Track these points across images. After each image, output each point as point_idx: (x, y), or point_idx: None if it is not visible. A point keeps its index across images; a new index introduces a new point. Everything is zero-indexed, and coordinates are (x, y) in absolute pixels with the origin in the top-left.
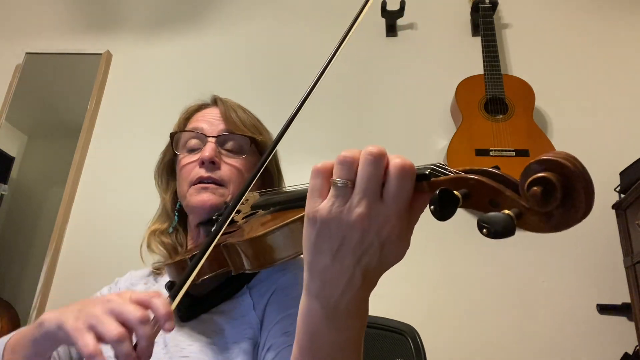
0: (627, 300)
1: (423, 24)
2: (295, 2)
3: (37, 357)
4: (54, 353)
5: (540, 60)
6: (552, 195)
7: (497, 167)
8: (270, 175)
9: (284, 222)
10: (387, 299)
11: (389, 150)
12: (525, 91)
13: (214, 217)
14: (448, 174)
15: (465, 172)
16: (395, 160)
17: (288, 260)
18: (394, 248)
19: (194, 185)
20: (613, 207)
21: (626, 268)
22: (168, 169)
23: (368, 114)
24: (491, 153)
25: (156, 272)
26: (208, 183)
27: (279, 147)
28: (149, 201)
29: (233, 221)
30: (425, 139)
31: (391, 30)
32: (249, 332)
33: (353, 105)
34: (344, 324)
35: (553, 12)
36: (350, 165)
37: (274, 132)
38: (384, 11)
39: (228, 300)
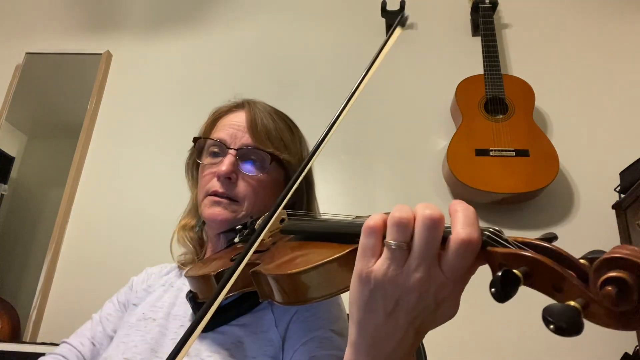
0: None
1: (423, 24)
2: (297, 2)
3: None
4: (89, 340)
5: (540, 60)
6: (627, 297)
7: (554, 236)
8: (299, 192)
9: (321, 262)
10: None
11: (389, 150)
12: (525, 91)
13: (237, 227)
14: (506, 245)
15: (525, 245)
16: (460, 234)
17: (322, 300)
18: (448, 308)
19: (209, 196)
20: (613, 207)
21: None
22: (195, 167)
23: (368, 114)
24: (491, 153)
25: (181, 266)
26: (222, 197)
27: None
28: (149, 201)
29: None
30: (425, 139)
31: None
32: (270, 350)
33: (353, 105)
34: None
35: (553, 12)
36: (405, 228)
37: None
38: (384, 11)
39: (249, 313)
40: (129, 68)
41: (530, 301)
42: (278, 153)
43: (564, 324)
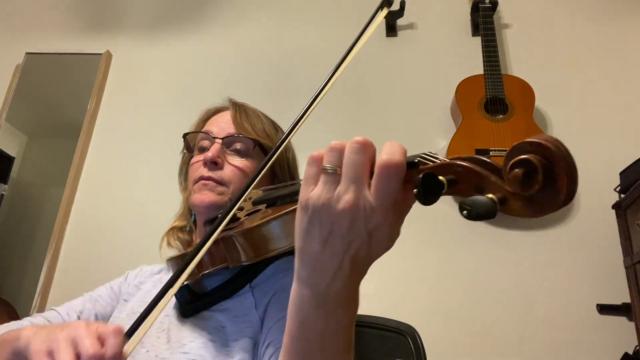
0: (627, 300)
1: (423, 24)
2: (296, 3)
3: None
4: (77, 313)
5: (540, 60)
6: (533, 178)
7: (488, 157)
8: (282, 179)
9: (279, 214)
10: (387, 299)
11: None
12: (525, 91)
13: (219, 215)
14: (436, 161)
15: (454, 159)
16: (382, 157)
17: (283, 250)
18: (382, 238)
19: (197, 182)
20: (613, 207)
21: (626, 268)
22: (187, 172)
23: (368, 113)
24: (491, 153)
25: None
26: (209, 181)
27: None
28: (149, 201)
29: (236, 219)
30: (425, 139)
31: (391, 30)
32: (250, 330)
33: (353, 105)
34: (333, 311)
35: (553, 12)
36: (339, 152)
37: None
38: None
39: (230, 298)
40: (129, 68)
41: (531, 302)
42: (261, 139)
43: (480, 210)
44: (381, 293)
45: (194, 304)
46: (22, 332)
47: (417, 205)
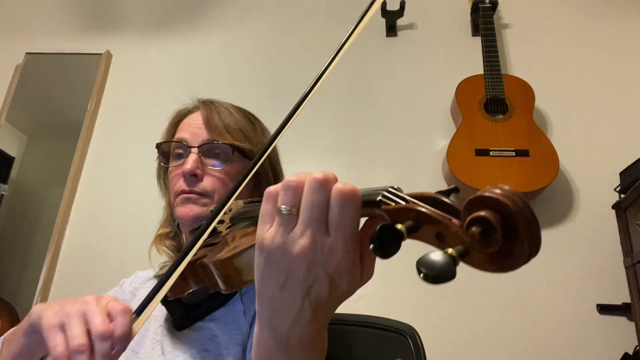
0: (627, 300)
1: (423, 24)
2: (297, 3)
3: (27, 352)
4: None
5: (540, 60)
6: (492, 237)
7: (456, 189)
8: (266, 182)
9: (252, 243)
10: (387, 299)
11: (389, 150)
12: (525, 91)
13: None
14: (399, 202)
15: (417, 199)
16: (336, 186)
17: None
18: (345, 280)
19: (179, 196)
20: (613, 207)
21: (626, 268)
22: (165, 174)
23: (368, 114)
24: (491, 153)
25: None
26: (191, 194)
27: (279, 147)
28: (149, 201)
29: (217, 231)
30: (425, 139)
31: (391, 30)
32: (240, 338)
33: (353, 105)
34: (296, 356)
35: (553, 12)
36: (294, 191)
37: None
38: (384, 11)
39: (222, 307)
40: (129, 68)
41: (531, 302)
42: (238, 143)
43: (436, 271)
44: (381, 293)
45: (187, 316)
46: (34, 308)
47: None
